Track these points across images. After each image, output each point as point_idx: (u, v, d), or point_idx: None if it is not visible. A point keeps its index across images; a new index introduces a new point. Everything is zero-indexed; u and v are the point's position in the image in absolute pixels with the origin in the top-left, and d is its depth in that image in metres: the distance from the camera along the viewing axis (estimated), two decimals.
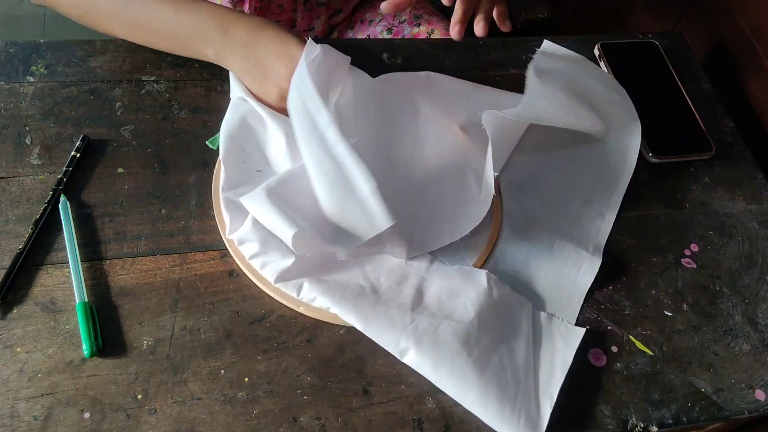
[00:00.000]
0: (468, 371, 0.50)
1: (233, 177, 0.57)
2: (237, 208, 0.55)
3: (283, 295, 0.54)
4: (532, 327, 0.55)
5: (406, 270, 0.55)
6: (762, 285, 0.61)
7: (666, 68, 0.76)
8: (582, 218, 0.63)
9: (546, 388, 0.51)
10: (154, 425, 0.47)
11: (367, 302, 0.53)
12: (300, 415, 0.49)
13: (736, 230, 0.65)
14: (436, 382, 0.50)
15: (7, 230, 0.55)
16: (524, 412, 0.49)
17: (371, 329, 0.51)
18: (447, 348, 0.50)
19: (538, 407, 0.50)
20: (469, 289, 0.54)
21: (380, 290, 0.54)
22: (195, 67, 0.68)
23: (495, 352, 0.51)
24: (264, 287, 0.54)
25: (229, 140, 0.59)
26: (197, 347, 0.51)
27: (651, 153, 0.68)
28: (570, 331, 0.55)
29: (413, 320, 0.52)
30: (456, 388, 0.50)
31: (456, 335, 0.51)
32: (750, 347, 0.57)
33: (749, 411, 0.54)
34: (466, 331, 0.51)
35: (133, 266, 0.54)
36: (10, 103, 0.62)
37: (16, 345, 0.50)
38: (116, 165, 0.60)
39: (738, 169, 0.70)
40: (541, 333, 0.55)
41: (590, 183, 0.65)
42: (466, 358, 0.50)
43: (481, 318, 0.52)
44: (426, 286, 0.55)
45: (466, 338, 0.51)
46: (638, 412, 0.53)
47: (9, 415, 0.47)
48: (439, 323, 0.51)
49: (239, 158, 0.59)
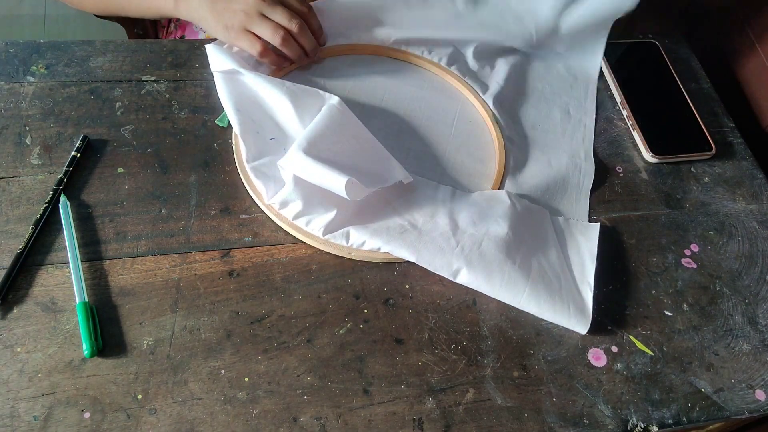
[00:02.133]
0: (516, 277, 0.55)
1: (253, 148, 0.59)
2: (266, 175, 0.58)
3: (333, 246, 0.57)
4: (555, 231, 0.61)
5: (434, 204, 0.60)
6: (762, 285, 0.61)
7: (666, 68, 0.76)
8: (566, 131, 0.70)
9: (582, 278, 0.58)
10: (154, 425, 0.47)
11: (412, 236, 0.57)
12: (300, 415, 0.49)
13: (736, 230, 0.65)
14: (489, 292, 0.55)
15: (7, 230, 0.55)
16: (571, 301, 0.56)
17: (424, 258, 0.56)
18: (494, 260, 0.56)
19: (581, 295, 0.57)
20: (496, 208, 0.60)
21: (418, 225, 0.58)
22: (195, 67, 0.68)
23: (533, 256, 0.57)
24: (313, 242, 0.57)
25: (238, 114, 0.60)
26: (197, 347, 0.51)
27: (651, 153, 0.68)
28: (587, 228, 0.62)
29: (458, 243, 0.56)
30: (509, 293, 0.55)
31: (498, 248, 0.56)
32: (750, 347, 0.57)
33: (749, 411, 0.54)
34: (505, 243, 0.57)
35: (133, 266, 0.54)
36: (10, 103, 0.62)
37: (16, 345, 0.50)
38: (116, 165, 0.60)
39: (738, 169, 0.70)
40: (563, 235, 0.61)
41: (564, 97, 0.73)
42: (512, 266, 0.56)
43: (514, 230, 0.58)
44: (457, 213, 0.59)
45: (507, 249, 0.56)
46: (638, 412, 0.53)
47: (9, 415, 0.47)
48: (481, 241, 0.57)
49: (253, 129, 0.60)
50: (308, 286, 0.55)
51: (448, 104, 0.70)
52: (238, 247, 0.57)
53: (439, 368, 0.53)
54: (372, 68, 0.71)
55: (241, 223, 0.58)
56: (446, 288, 0.57)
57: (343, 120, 0.59)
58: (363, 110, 0.67)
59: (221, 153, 0.62)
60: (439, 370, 0.53)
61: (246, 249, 0.57)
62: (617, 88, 0.74)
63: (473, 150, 0.67)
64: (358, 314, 0.55)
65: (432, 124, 0.68)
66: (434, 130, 0.68)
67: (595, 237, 0.60)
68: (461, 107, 0.70)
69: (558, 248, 0.59)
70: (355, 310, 0.55)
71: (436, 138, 0.67)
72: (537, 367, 0.54)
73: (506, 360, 0.54)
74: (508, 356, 0.54)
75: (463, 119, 0.69)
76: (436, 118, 0.69)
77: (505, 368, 0.53)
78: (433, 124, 0.68)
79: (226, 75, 0.62)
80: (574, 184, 0.65)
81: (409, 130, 0.67)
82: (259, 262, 0.56)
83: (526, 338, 0.55)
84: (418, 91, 0.70)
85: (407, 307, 0.56)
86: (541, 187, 0.64)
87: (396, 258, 0.57)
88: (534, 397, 0.52)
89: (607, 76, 0.75)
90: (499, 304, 0.56)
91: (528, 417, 0.51)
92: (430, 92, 0.71)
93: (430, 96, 0.70)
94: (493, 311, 0.56)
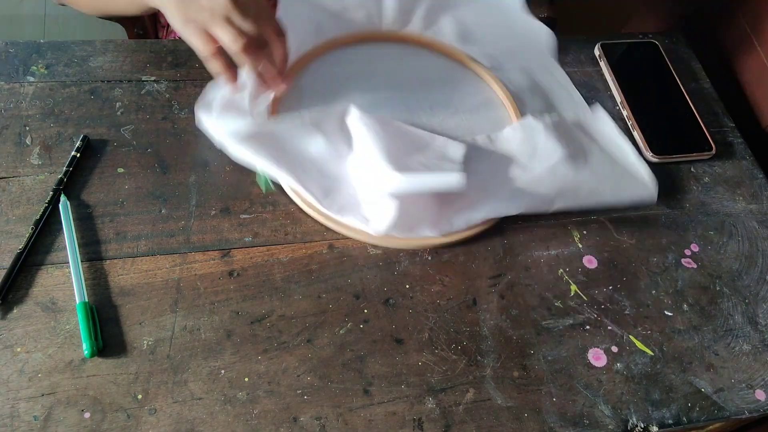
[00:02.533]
0: (592, 183, 0.63)
1: (317, 190, 0.58)
2: (345, 209, 0.59)
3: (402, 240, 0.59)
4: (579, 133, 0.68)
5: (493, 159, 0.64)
6: (762, 285, 0.61)
7: (666, 68, 0.76)
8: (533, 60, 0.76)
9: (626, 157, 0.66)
10: (154, 425, 0.47)
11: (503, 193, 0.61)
12: (300, 415, 0.49)
13: (736, 230, 0.65)
14: (581, 206, 0.62)
15: (7, 230, 0.55)
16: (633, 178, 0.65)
17: (524, 206, 0.60)
18: (569, 180, 0.62)
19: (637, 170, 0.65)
20: (537, 136, 0.65)
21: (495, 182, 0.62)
22: (195, 67, 0.68)
23: (588, 159, 0.65)
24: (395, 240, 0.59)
25: (281, 167, 0.58)
26: (197, 347, 0.51)
27: (651, 153, 0.68)
28: (596, 116, 0.70)
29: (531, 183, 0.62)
30: (598, 197, 0.62)
31: (566, 170, 0.62)
32: (750, 347, 0.57)
33: (749, 411, 0.54)
34: (564, 165, 0.62)
35: (133, 266, 0.54)
36: (10, 103, 0.62)
37: (16, 345, 0.50)
38: (116, 165, 0.60)
39: (738, 169, 0.70)
40: (587, 130, 0.68)
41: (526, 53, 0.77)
42: (584, 176, 0.63)
43: (562, 151, 0.63)
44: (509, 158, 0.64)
45: (571, 167, 0.63)
46: (638, 412, 0.53)
47: (9, 415, 0.47)
48: (548, 173, 0.62)
49: (303, 171, 0.59)
50: (308, 286, 0.55)
51: (437, 68, 0.73)
52: (238, 247, 0.57)
53: (439, 368, 0.53)
54: (354, 61, 0.71)
55: (241, 223, 0.58)
56: (446, 288, 0.57)
57: (378, 126, 0.60)
58: (371, 102, 0.67)
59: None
60: (439, 370, 0.53)
61: (246, 249, 0.57)
62: (617, 88, 0.74)
63: (478, 101, 0.71)
64: (358, 314, 0.55)
65: (429, 93, 0.70)
66: (436, 97, 0.69)
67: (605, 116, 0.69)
68: (448, 67, 0.73)
69: (594, 147, 0.66)
70: (355, 310, 0.55)
71: (441, 104, 0.69)
72: (537, 367, 0.54)
73: (506, 360, 0.54)
74: (508, 356, 0.54)
75: (454, 79, 0.72)
76: (432, 86, 0.71)
77: (505, 368, 0.53)
78: (430, 93, 0.70)
79: (238, 138, 0.58)
80: (554, 84, 0.73)
81: (415, 105, 0.68)
82: (259, 262, 0.56)
83: (526, 338, 0.55)
84: (406, 66, 0.72)
85: (407, 307, 0.56)
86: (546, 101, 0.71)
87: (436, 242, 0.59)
88: (534, 397, 0.52)
89: (607, 76, 0.75)
90: (498, 303, 0.56)
91: (528, 417, 0.51)
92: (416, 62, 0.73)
93: (417, 66, 0.72)
94: (493, 311, 0.56)
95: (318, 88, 0.68)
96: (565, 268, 0.60)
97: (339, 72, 0.70)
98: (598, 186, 0.63)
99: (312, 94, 0.67)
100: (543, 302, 0.57)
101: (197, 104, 0.61)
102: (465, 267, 0.59)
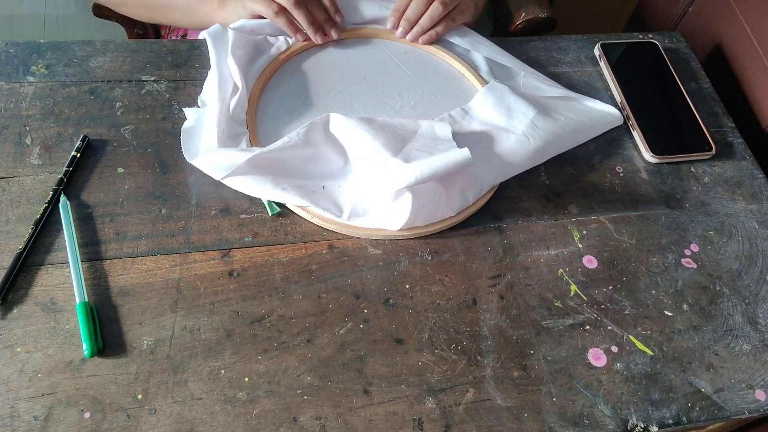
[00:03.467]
0: (569, 125, 0.67)
1: (332, 207, 0.59)
2: (364, 216, 0.59)
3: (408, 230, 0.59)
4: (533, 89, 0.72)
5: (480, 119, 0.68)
6: (762, 285, 0.61)
7: (666, 68, 0.76)
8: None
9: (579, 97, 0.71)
10: (154, 425, 0.48)
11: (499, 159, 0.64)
12: (300, 415, 0.49)
13: (736, 230, 0.65)
14: (568, 148, 0.67)
15: (7, 230, 0.55)
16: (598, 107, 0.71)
17: (521, 167, 0.64)
18: (550, 130, 0.66)
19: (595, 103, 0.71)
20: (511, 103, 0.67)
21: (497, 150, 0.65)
22: (195, 67, 0.68)
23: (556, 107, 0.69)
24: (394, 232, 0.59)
25: (285, 192, 0.58)
26: (197, 347, 0.51)
27: (651, 153, 0.68)
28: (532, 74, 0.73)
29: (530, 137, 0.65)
30: (579, 136, 0.68)
31: (545, 122, 0.66)
32: (750, 347, 0.57)
33: (749, 411, 0.54)
34: (541, 118, 0.66)
35: (134, 266, 0.54)
36: (10, 103, 0.62)
37: (16, 345, 0.50)
38: (116, 165, 0.60)
39: (738, 169, 0.70)
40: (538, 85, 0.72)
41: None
42: (561, 122, 0.67)
43: (534, 105, 0.67)
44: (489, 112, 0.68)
45: (549, 118, 0.66)
46: (638, 412, 0.53)
47: (9, 415, 0.47)
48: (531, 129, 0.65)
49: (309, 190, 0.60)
50: (308, 286, 0.55)
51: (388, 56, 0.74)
52: (238, 247, 0.57)
53: (439, 368, 0.53)
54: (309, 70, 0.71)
55: (241, 223, 0.58)
56: (446, 288, 0.57)
57: (365, 125, 0.59)
58: (343, 106, 0.67)
59: None
60: (439, 370, 0.53)
61: (246, 249, 0.57)
62: (617, 88, 0.74)
63: (440, 77, 0.72)
64: (358, 314, 0.55)
65: (392, 81, 0.71)
66: (400, 84, 0.71)
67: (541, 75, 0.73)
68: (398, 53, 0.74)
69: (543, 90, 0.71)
70: (355, 310, 0.55)
71: (408, 89, 0.70)
72: (537, 367, 0.54)
73: (506, 360, 0.54)
74: (508, 356, 0.54)
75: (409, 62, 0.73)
76: (393, 75, 0.72)
77: (505, 368, 0.53)
78: (393, 81, 0.71)
79: (236, 171, 0.57)
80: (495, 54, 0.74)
81: (384, 96, 0.69)
82: (259, 262, 0.56)
83: (526, 338, 0.55)
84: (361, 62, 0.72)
85: (407, 307, 0.56)
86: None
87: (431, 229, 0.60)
88: (534, 397, 0.52)
89: (607, 76, 0.75)
90: (498, 303, 0.56)
91: (528, 417, 0.51)
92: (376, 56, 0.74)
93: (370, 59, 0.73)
94: (493, 311, 0.56)
95: (284, 103, 0.66)
96: (565, 268, 0.60)
97: (296, 84, 0.68)
98: (575, 126, 0.67)
99: (278, 113, 0.65)
100: (543, 302, 0.57)
101: (185, 151, 0.61)
102: (465, 267, 0.59)
